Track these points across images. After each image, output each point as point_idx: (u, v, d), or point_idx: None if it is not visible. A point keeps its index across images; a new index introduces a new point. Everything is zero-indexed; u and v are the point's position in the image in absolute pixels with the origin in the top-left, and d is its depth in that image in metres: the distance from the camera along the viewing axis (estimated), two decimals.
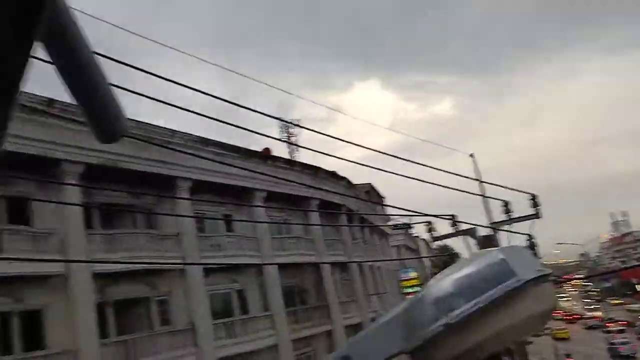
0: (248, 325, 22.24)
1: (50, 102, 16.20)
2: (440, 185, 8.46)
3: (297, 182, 25.15)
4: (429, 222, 20.46)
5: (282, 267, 25.61)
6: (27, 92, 15.42)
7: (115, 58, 3.58)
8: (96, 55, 1.55)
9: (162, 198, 20.85)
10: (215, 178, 22.31)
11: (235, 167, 20.89)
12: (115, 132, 1.65)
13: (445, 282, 1.81)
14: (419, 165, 7.51)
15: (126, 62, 3.84)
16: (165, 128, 20.42)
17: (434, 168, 7.92)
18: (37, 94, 16.08)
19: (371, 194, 42.90)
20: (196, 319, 19.85)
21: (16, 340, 14.57)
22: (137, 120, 18.95)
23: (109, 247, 17.41)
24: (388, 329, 1.99)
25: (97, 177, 18.05)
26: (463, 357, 1.73)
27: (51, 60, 1.43)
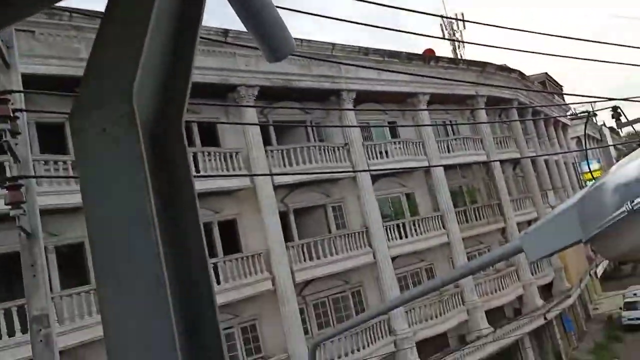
0: (419, 226, 23.17)
1: (225, 32, 17.60)
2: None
3: (460, 81, 24.30)
4: (615, 108, 18.65)
5: (450, 168, 25.64)
6: (205, 26, 16.98)
7: None
8: None
9: (330, 111, 21.93)
10: (377, 86, 22.61)
11: (396, 72, 20.82)
12: (284, 50, 1.72)
13: (629, 167, 1.67)
14: (610, 45, 6.84)
15: None
16: (325, 42, 20.92)
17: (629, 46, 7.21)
18: (214, 26, 17.61)
19: (547, 85, 39.49)
20: (369, 222, 21.26)
21: (218, 246, 17.32)
22: (299, 39, 19.71)
23: (286, 160, 19.13)
24: (563, 219, 1.98)
25: (270, 98, 19.61)
26: None
27: None
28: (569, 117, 40.53)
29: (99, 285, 0.74)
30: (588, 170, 41.45)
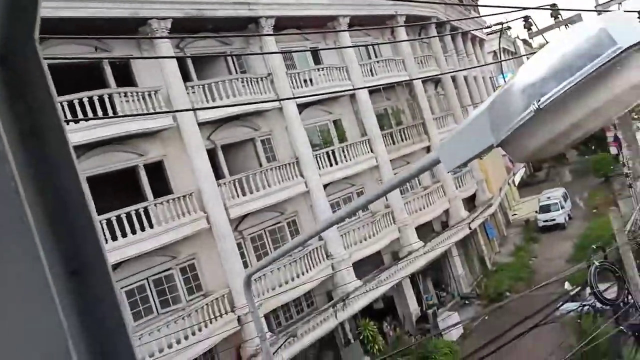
0: (347, 152, 23.50)
1: None
2: None
3: None
4: (527, 18, 19.15)
5: (374, 91, 25.81)
6: None
7: None
8: None
9: (251, 42, 21.21)
10: (296, 11, 21.98)
11: None
12: None
13: (535, 67, 1.72)
14: None
15: None
16: None
17: None
18: None
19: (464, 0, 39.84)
20: (298, 152, 21.30)
21: (146, 189, 16.84)
22: None
23: (209, 96, 18.50)
24: (475, 126, 2.01)
25: (186, 30, 18.64)
26: (558, 140, 1.71)
27: None
28: (484, 29, 41.41)
29: None
30: (504, 83, 43.03)
